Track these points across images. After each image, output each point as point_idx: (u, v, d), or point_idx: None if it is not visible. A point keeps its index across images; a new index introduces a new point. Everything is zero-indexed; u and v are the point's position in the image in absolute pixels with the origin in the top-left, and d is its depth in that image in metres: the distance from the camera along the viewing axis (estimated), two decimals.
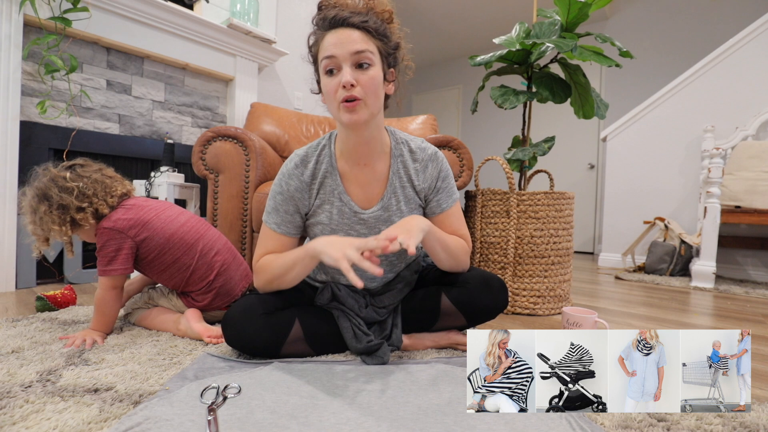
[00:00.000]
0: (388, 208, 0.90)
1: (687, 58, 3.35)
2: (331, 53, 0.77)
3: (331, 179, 0.88)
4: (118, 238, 0.96)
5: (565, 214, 1.42)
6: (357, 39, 0.77)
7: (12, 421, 0.58)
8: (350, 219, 0.89)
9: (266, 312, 0.83)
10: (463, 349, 0.95)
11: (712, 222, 2.02)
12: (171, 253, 1.01)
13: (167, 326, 1.02)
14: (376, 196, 0.90)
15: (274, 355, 0.84)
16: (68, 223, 0.96)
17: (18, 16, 1.47)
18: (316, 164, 0.89)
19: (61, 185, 0.97)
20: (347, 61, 0.77)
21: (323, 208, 0.89)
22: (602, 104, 1.53)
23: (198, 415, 0.59)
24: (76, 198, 0.96)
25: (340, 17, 0.77)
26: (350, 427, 0.58)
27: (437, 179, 0.92)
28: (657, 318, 1.39)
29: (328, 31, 0.79)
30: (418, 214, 0.93)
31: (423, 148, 0.92)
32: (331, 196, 0.88)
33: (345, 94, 0.77)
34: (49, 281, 1.64)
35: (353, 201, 0.89)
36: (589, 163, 3.96)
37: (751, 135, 2.36)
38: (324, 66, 0.79)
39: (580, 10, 1.39)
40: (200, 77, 2.11)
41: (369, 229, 0.90)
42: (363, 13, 0.79)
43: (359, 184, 0.89)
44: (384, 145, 0.90)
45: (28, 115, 1.57)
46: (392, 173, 0.90)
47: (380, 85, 0.81)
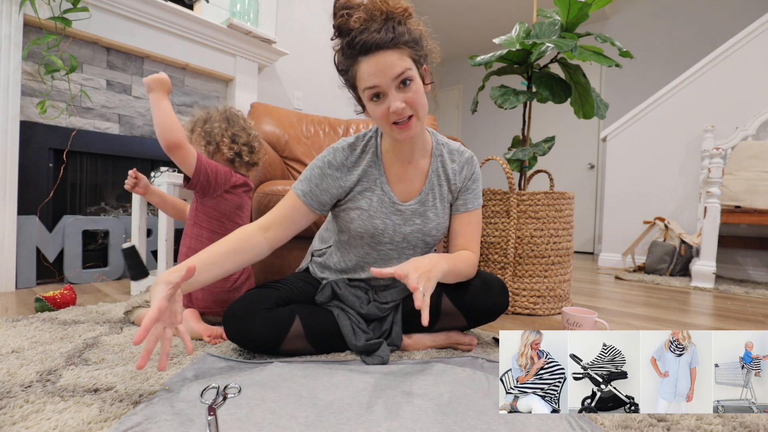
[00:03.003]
0: (425, 203, 0.94)
1: (687, 58, 3.35)
2: (373, 84, 0.77)
3: (375, 169, 0.92)
4: (226, 173, 1.09)
5: (565, 214, 1.42)
6: (395, 61, 0.76)
7: (12, 421, 0.58)
8: (389, 209, 0.92)
9: (267, 308, 0.84)
10: (463, 349, 0.95)
11: (712, 222, 2.02)
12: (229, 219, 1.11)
13: None
14: (415, 191, 0.94)
15: (274, 351, 0.84)
16: (227, 146, 1.11)
17: (18, 16, 1.47)
18: (361, 153, 0.92)
19: (245, 125, 1.15)
20: (390, 87, 0.77)
21: (364, 195, 0.91)
22: (602, 104, 1.53)
23: (198, 415, 0.59)
24: (243, 142, 1.13)
25: (371, 43, 0.75)
26: (350, 427, 0.58)
27: (470, 180, 0.97)
28: (657, 318, 1.39)
29: (361, 57, 0.77)
30: (449, 211, 0.98)
31: (461, 151, 0.98)
32: (373, 185, 0.92)
33: (396, 117, 0.79)
34: (49, 281, 1.64)
35: (393, 192, 0.92)
36: (589, 163, 3.96)
37: (751, 135, 2.36)
38: (368, 95, 0.79)
39: (580, 10, 1.39)
40: (200, 77, 2.11)
41: (404, 220, 0.93)
42: (386, 26, 0.76)
43: (401, 178, 0.93)
44: (426, 144, 0.94)
45: (28, 115, 1.57)
46: (432, 171, 0.94)
47: (423, 94, 0.82)
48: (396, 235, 0.92)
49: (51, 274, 1.64)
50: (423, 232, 0.93)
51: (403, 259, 0.94)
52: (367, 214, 0.90)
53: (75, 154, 1.72)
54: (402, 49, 0.77)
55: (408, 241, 0.93)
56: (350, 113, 3.00)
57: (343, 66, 0.81)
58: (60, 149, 1.65)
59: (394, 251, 0.94)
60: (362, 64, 0.77)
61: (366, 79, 0.77)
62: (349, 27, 0.77)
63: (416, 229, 0.92)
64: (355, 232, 0.92)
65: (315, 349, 0.88)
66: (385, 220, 0.91)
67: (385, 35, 0.75)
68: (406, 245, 0.93)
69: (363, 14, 0.77)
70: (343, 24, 0.78)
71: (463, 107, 4.86)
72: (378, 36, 0.75)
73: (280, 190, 1.41)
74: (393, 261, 0.94)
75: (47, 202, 1.63)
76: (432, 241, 0.96)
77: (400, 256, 0.94)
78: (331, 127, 2.14)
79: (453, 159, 0.97)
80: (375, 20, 0.77)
